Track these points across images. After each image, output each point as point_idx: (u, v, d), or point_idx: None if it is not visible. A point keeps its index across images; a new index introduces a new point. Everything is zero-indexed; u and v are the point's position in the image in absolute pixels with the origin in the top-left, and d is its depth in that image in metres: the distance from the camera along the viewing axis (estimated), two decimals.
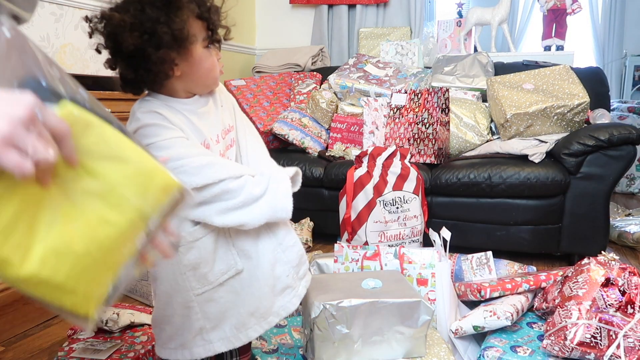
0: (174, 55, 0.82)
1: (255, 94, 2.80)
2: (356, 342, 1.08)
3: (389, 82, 2.63)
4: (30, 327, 1.50)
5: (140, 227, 0.55)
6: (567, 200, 1.97)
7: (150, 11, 0.78)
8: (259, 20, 3.53)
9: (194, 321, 0.92)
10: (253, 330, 0.94)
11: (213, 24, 0.87)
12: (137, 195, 0.53)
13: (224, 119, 0.96)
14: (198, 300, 0.91)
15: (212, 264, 0.91)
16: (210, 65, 0.88)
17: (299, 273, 0.99)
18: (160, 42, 0.79)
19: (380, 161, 1.88)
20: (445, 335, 1.27)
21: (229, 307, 0.93)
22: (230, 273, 0.92)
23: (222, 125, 0.95)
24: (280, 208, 0.90)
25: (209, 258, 0.90)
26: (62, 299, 0.51)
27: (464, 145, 2.35)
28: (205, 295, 0.91)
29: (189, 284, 0.91)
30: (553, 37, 2.86)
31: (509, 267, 1.66)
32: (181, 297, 0.92)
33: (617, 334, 1.06)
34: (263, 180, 0.89)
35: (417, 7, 3.17)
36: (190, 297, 0.91)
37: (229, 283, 0.92)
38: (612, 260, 1.22)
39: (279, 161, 2.33)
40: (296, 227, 2.29)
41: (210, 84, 0.92)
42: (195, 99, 0.92)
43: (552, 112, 2.08)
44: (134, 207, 0.53)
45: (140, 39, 0.77)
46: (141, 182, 0.54)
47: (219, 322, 0.93)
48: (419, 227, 1.91)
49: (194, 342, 0.93)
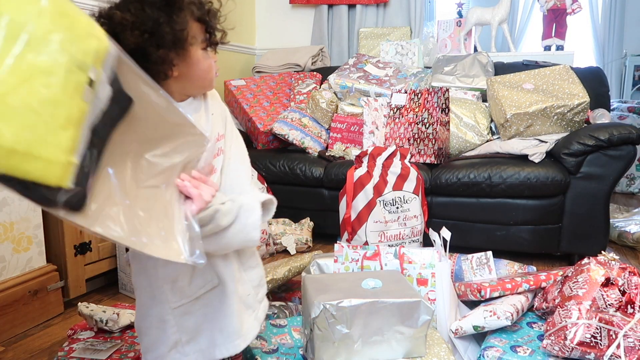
0: (173, 55, 0.82)
1: (255, 94, 2.80)
2: (356, 342, 1.08)
3: (389, 82, 2.63)
4: (30, 327, 1.50)
5: (81, 77, 0.54)
6: (567, 200, 1.97)
7: (151, 11, 0.78)
8: (259, 20, 3.53)
9: (170, 335, 0.92)
10: (219, 350, 0.93)
11: (212, 26, 0.87)
12: (64, 40, 0.52)
13: (214, 126, 0.95)
14: (174, 313, 0.91)
15: (189, 277, 0.91)
16: (207, 67, 0.89)
17: (258, 295, 1.00)
18: (162, 41, 0.79)
19: (380, 161, 1.89)
20: (445, 335, 1.27)
21: (205, 320, 0.93)
22: (207, 287, 0.92)
23: (211, 132, 0.93)
24: (248, 239, 0.89)
25: (187, 272, 0.90)
26: (23, 168, 0.49)
27: (464, 145, 2.35)
28: (181, 308, 0.91)
29: (166, 297, 0.91)
30: (553, 37, 2.86)
31: (509, 267, 1.66)
32: (157, 310, 0.92)
33: (617, 334, 1.06)
34: (233, 209, 0.87)
35: (417, 7, 3.17)
36: (166, 311, 0.91)
37: (205, 297, 0.92)
38: (612, 260, 1.22)
39: (279, 161, 2.36)
40: (296, 227, 2.30)
41: (206, 85, 0.92)
42: (188, 102, 0.91)
43: (552, 112, 2.08)
44: (63, 50, 0.52)
45: (141, 37, 0.77)
46: (66, 25, 0.53)
47: (195, 335, 0.93)
48: (419, 227, 1.91)
49: (169, 356, 0.92)
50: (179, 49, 0.82)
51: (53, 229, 1.60)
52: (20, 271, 1.49)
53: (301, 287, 1.21)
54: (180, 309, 0.91)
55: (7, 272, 1.45)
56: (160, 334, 0.92)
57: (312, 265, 1.49)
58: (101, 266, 1.75)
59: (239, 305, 0.95)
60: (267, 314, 1.38)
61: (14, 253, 1.47)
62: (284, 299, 1.58)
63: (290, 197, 2.38)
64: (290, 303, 1.52)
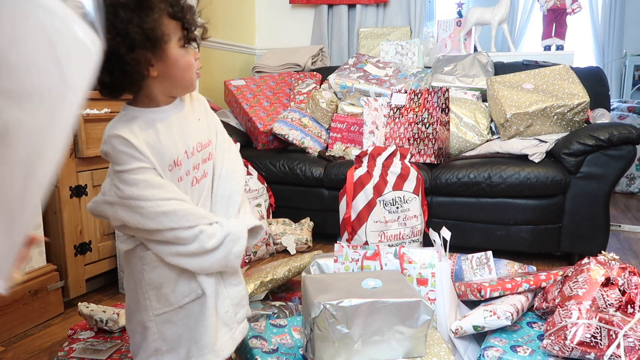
0: (149, 55, 0.81)
1: (255, 94, 2.80)
2: (356, 342, 1.08)
3: (389, 82, 2.63)
4: (30, 327, 1.50)
5: None
6: (567, 200, 1.97)
7: (124, 13, 0.78)
8: (259, 20, 3.53)
9: (151, 342, 0.92)
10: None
11: (187, 22, 0.86)
12: None
13: (201, 131, 0.94)
14: (156, 320, 0.91)
15: (174, 285, 0.91)
16: (186, 64, 0.87)
17: (237, 314, 0.99)
18: (133, 42, 0.79)
19: (380, 161, 1.89)
20: (445, 335, 1.27)
21: (186, 330, 0.93)
22: (192, 297, 0.92)
23: (198, 138, 0.93)
24: (229, 266, 0.92)
25: (172, 279, 0.91)
26: None
27: (464, 145, 2.35)
28: (164, 316, 0.92)
29: (150, 303, 0.91)
30: (553, 37, 2.86)
31: (509, 267, 1.66)
32: (140, 315, 0.92)
33: (617, 334, 1.06)
34: (220, 234, 0.89)
35: (417, 7, 3.17)
36: (149, 317, 0.91)
37: (188, 307, 0.92)
38: (612, 260, 1.22)
39: (279, 161, 2.36)
40: (296, 227, 2.30)
41: (187, 84, 0.90)
42: (173, 106, 0.90)
43: (552, 112, 2.08)
44: None
45: (113, 40, 0.77)
46: None
47: (175, 345, 0.93)
48: (419, 227, 1.91)
49: None
50: (154, 48, 0.81)
51: (53, 229, 1.60)
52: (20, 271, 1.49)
53: (301, 287, 1.21)
54: (162, 316, 0.92)
55: None
56: (142, 340, 0.93)
57: (312, 265, 1.49)
58: (101, 266, 1.75)
59: (216, 320, 0.94)
60: (267, 314, 1.38)
61: None
62: (284, 299, 1.58)
63: (290, 197, 2.38)
64: (290, 303, 1.52)
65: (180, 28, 0.85)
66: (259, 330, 1.24)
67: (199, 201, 0.94)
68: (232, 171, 0.98)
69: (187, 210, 0.87)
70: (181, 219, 0.86)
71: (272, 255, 2.19)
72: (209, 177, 0.96)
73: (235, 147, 1.04)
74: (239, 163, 1.01)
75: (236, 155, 1.02)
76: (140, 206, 0.83)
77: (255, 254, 2.11)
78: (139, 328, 0.93)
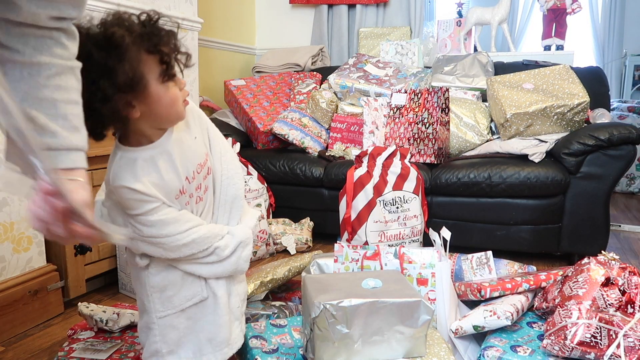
0: (129, 97, 0.77)
1: (255, 93, 2.80)
2: (356, 342, 1.08)
3: (389, 82, 2.63)
4: (30, 327, 1.50)
5: None
6: (567, 200, 1.97)
7: (97, 56, 0.73)
8: (259, 20, 3.53)
9: (152, 343, 0.95)
10: (207, 358, 0.97)
11: (167, 55, 0.80)
12: None
13: (198, 149, 0.92)
14: (159, 323, 0.94)
15: (178, 288, 0.94)
16: (170, 100, 0.82)
17: (242, 308, 1.06)
18: (105, 96, 0.74)
19: (380, 161, 1.88)
20: (445, 335, 1.26)
21: (186, 333, 0.96)
22: (195, 300, 0.95)
23: (197, 159, 0.91)
24: (239, 270, 0.99)
25: (177, 282, 0.94)
26: None
27: (464, 145, 2.35)
28: (166, 319, 0.94)
29: (154, 306, 0.94)
30: (553, 37, 2.86)
31: (509, 267, 1.66)
32: (145, 317, 0.95)
33: (617, 334, 1.06)
34: (232, 244, 0.95)
35: (417, 6, 3.17)
36: (152, 319, 0.94)
37: (190, 310, 0.96)
38: (612, 260, 1.22)
39: (279, 161, 2.36)
40: (296, 227, 2.30)
41: (173, 119, 0.85)
42: (166, 137, 0.87)
43: (552, 112, 2.08)
44: None
45: (88, 92, 0.72)
46: None
47: (176, 348, 0.96)
48: (419, 227, 1.91)
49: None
50: (133, 92, 0.77)
51: None
52: (20, 271, 1.49)
53: (301, 287, 1.21)
54: (165, 319, 0.94)
55: (7, 272, 1.45)
56: (145, 340, 0.97)
57: (312, 265, 1.49)
58: (101, 266, 1.75)
59: (230, 316, 1.00)
60: (267, 314, 1.38)
61: (14, 253, 1.47)
62: (284, 299, 1.58)
63: (290, 197, 2.38)
64: (290, 303, 1.52)
65: (159, 62, 0.79)
66: (259, 330, 1.24)
67: (202, 212, 0.96)
68: (231, 177, 0.99)
69: (204, 236, 0.91)
70: (200, 245, 0.91)
71: (272, 255, 2.19)
72: (210, 189, 0.97)
73: (229, 145, 1.05)
74: (236, 165, 1.01)
75: (232, 157, 1.01)
76: (161, 242, 0.87)
77: (255, 254, 2.11)
78: (144, 328, 0.96)
